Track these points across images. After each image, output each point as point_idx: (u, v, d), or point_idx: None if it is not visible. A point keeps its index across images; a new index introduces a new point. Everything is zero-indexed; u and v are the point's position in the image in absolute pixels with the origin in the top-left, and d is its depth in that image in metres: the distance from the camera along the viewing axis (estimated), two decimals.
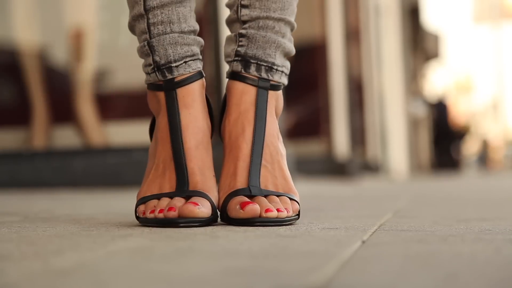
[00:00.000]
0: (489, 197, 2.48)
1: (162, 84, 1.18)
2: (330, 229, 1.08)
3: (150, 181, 1.16)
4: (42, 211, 1.62)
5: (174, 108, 1.17)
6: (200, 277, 0.65)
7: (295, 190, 1.19)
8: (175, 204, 1.10)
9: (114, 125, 3.60)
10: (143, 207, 1.14)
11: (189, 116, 1.17)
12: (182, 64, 1.17)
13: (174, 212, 1.09)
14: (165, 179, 1.15)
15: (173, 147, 1.15)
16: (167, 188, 1.15)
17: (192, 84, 1.18)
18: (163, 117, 1.17)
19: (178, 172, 1.14)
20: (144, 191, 1.17)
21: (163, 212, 1.10)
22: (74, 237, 0.99)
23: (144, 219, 1.13)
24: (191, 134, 1.16)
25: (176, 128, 1.16)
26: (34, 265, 0.72)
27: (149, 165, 1.19)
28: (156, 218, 1.10)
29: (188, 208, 1.09)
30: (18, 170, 3.21)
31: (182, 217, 1.08)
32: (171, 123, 1.16)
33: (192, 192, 1.13)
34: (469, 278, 0.66)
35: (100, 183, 3.13)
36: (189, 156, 1.15)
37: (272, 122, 1.20)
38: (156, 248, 0.86)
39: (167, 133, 1.16)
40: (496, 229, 1.11)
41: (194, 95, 1.18)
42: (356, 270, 0.71)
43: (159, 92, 1.18)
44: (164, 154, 1.16)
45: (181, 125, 1.16)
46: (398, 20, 10.28)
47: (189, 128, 1.16)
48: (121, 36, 3.79)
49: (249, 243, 0.90)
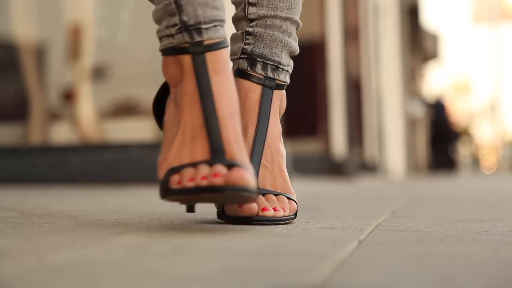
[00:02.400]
0: (486, 198, 2.48)
1: (189, 47, 1.06)
2: (327, 229, 1.08)
3: (177, 149, 1.03)
4: (39, 207, 1.62)
5: (204, 72, 1.05)
6: (197, 275, 0.65)
7: (293, 191, 1.19)
8: (219, 171, 0.98)
9: (111, 122, 3.60)
10: (178, 176, 1.00)
11: (221, 83, 1.05)
12: (211, 27, 1.06)
13: (220, 178, 0.96)
14: (196, 147, 1.02)
15: (205, 113, 1.03)
16: (198, 156, 1.01)
17: (222, 50, 1.07)
18: (189, 82, 1.06)
19: (212, 140, 1.02)
20: (171, 160, 1.03)
21: (207, 178, 0.97)
22: (70, 233, 0.99)
23: (180, 189, 0.99)
24: (224, 102, 1.04)
25: (207, 93, 1.04)
26: (30, 261, 0.72)
27: (169, 133, 1.07)
28: (197, 186, 0.97)
29: (236, 174, 0.96)
30: (15, 166, 3.21)
31: (229, 184, 0.96)
32: (202, 88, 1.04)
33: (233, 162, 1.00)
34: (465, 279, 0.65)
35: (97, 179, 3.13)
36: (223, 124, 1.03)
37: (275, 122, 1.20)
38: (153, 245, 0.86)
39: (196, 98, 1.04)
40: (492, 230, 1.11)
41: (225, 62, 1.07)
42: (353, 270, 0.71)
43: (184, 55, 1.07)
44: (193, 121, 1.04)
45: (212, 91, 1.04)
46: (397, 20, 10.29)
47: (222, 95, 1.04)
48: (119, 31, 3.79)
49: (246, 242, 0.90)
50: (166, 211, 1.47)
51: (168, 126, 1.08)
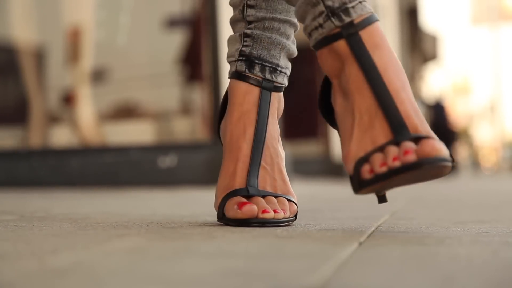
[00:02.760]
0: (486, 199, 2.48)
1: (341, 31, 1.03)
2: (327, 230, 1.08)
3: (358, 137, 1.00)
4: (39, 210, 1.62)
5: (362, 51, 1.02)
6: (197, 277, 0.65)
7: (293, 193, 1.19)
8: (409, 147, 0.95)
9: (111, 124, 3.60)
10: (368, 165, 0.98)
11: (384, 57, 1.02)
12: (357, 4, 1.04)
13: (412, 154, 0.94)
14: (376, 130, 0.99)
15: (376, 91, 1.00)
16: (381, 139, 0.98)
17: (375, 23, 1.04)
18: (351, 66, 1.03)
19: (391, 118, 0.99)
20: (355, 151, 1.00)
21: (399, 158, 0.95)
22: (70, 236, 0.99)
23: (374, 177, 0.98)
24: (393, 75, 1.01)
25: (373, 71, 1.01)
26: (30, 264, 0.71)
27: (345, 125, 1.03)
28: (391, 169, 0.95)
29: (428, 146, 0.94)
30: (15, 169, 3.21)
31: (423, 157, 0.94)
32: (366, 68, 1.01)
33: (419, 135, 0.97)
34: (466, 281, 0.65)
35: (96, 182, 3.13)
36: (397, 98, 0.99)
37: (273, 123, 1.20)
38: (153, 248, 0.86)
39: (363, 80, 1.01)
40: (493, 231, 1.11)
41: (381, 35, 1.04)
42: (353, 272, 0.70)
43: (337, 42, 1.04)
44: (366, 104, 1.01)
45: (377, 68, 1.01)
46: (396, 21, 10.29)
47: (388, 69, 1.01)
48: (118, 34, 3.79)
49: (246, 244, 0.90)
50: (166, 213, 1.47)
51: (341, 117, 1.05)
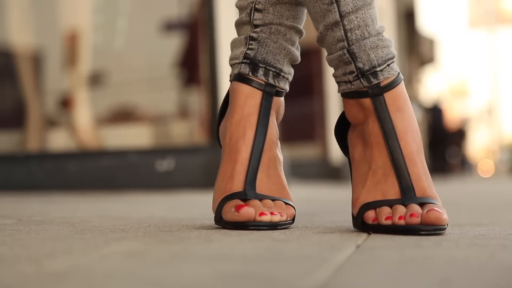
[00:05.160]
0: (483, 202, 2.48)
1: (368, 91, 1.12)
2: (325, 234, 1.08)
3: (370, 187, 1.11)
4: (36, 213, 1.62)
5: (384, 113, 1.12)
6: (194, 281, 0.65)
7: (291, 196, 1.19)
8: (416, 210, 1.06)
9: (109, 128, 3.59)
10: (373, 213, 1.09)
11: (403, 121, 1.12)
12: (385, 67, 1.12)
13: (417, 218, 1.05)
14: (388, 185, 1.10)
15: (392, 153, 1.11)
16: (391, 194, 1.10)
17: (399, 86, 1.13)
18: (374, 123, 1.13)
19: (401, 179, 1.10)
20: (364, 197, 1.11)
21: (405, 218, 1.05)
22: (67, 240, 0.99)
23: (375, 225, 1.08)
24: (409, 139, 1.12)
25: (391, 134, 1.11)
26: (28, 268, 0.71)
27: (360, 171, 1.14)
28: (395, 225, 1.06)
29: (434, 215, 1.04)
30: (12, 173, 3.21)
31: (425, 224, 1.04)
32: (385, 129, 1.12)
33: (425, 199, 1.08)
34: (463, 283, 0.65)
35: (94, 186, 3.13)
36: (411, 161, 1.11)
37: (272, 127, 1.20)
38: (150, 252, 0.86)
39: (382, 138, 1.12)
40: (490, 234, 1.11)
41: (404, 97, 1.13)
42: (350, 275, 0.70)
43: (364, 99, 1.13)
44: (382, 160, 1.11)
45: (396, 130, 1.11)
46: (393, 24, 10.29)
47: (406, 133, 1.12)
48: (116, 38, 3.79)
49: (243, 247, 0.90)
50: (164, 217, 1.47)
51: (358, 163, 1.15)
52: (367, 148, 1.14)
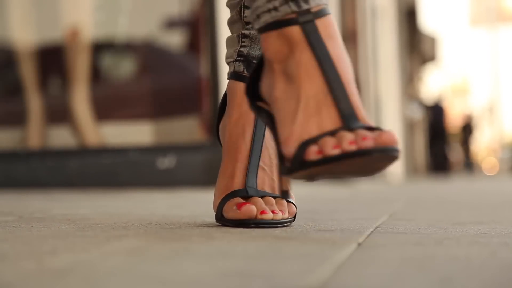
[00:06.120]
0: (484, 200, 2.49)
1: (296, 17, 1.01)
2: (326, 231, 1.08)
3: (302, 121, 0.98)
4: (37, 211, 1.62)
5: (318, 40, 1.01)
6: (195, 278, 0.65)
7: (292, 194, 1.19)
8: (367, 134, 0.94)
9: (110, 125, 3.59)
10: (316, 147, 0.95)
11: (337, 48, 1.02)
12: None
13: (370, 141, 0.93)
14: (323, 117, 0.98)
15: (329, 80, 0.99)
16: (328, 125, 0.97)
17: (330, 15, 1.04)
18: (303, 52, 1.01)
19: (342, 105, 0.98)
20: (299, 133, 0.98)
21: (356, 143, 0.93)
22: (69, 237, 0.99)
23: (322, 159, 0.95)
24: (345, 67, 1.01)
25: (327, 60, 1.00)
26: (29, 265, 0.71)
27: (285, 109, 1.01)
28: (346, 152, 0.93)
29: (387, 135, 0.94)
30: (13, 170, 3.21)
31: (380, 145, 0.93)
32: (320, 55, 1.00)
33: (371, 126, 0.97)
34: (464, 282, 0.65)
35: (95, 183, 3.13)
36: (349, 90, 0.99)
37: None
38: (151, 249, 0.86)
39: (315, 67, 1.00)
40: (491, 232, 1.11)
41: (335, 26, 1.04)
42: (352, 273, 0.71)
43: (291, 27, 1.02)
44: (315, 90, 0.99)
45: (332, 57, 1.00)
46: (394, 22, 10.29)
47: (341, 60, 1.01)
48: (117, 35, 3.79)
49: (245, 245, 0.90)
50: (165, 214, 1.47)
51: (282, 102, 1.02)
52: (292, 83, 1.01)
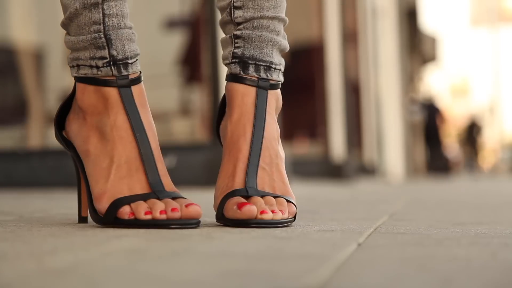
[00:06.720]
0: (485, 201, 2.48)
1: (115, 80, 1.12)
2: (326, 232, 1.08)
3: (115, 181, 1.09)
4: (37, 210, 1.62)
5: (133, 106, 1.12)
6: (196, 278, 0.65)
7: (292, 194, 1.19)
8: (176, 205, 1.06)
9: None
10: (128, 208, 1.07)
11: (147, 117, 1.13)
12: (135, 62, 1.14)
13: (178, 212, 1.05)
14: (133, 180, 1.09)
15: (141, 148, 1.10)
16: (137, 189, 1.09)
17: (142, 83, 1.14)
18: (118, 115, 1.11)
19: (150, 173, 1.09)
20: (112, 192, 1.09)
21: (166, 213, 1.05)
22: (69, 237, 0.99)
23: (136, 221, 1.06)
24: (153, 135, 1.13)
25: (140, 128, 1.11)
26: (29, 264, 0.71)
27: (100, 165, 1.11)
28: (156, 219, 1.05)
29: (194, 209, 1.05)
30: (14, 170, 3.21)
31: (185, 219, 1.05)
32: (134, 122, 1.11)
33: (175, 194, 1.09)
34: (464, 282, 0.65)
35: None
36: (157, 157, 1.11)
37: (272, 123, 1.20)
38: (152, 249, 0.86)
39: (128, 132, 1.11)
40: (492, 233, 1.11)
41: (145, 95, 1.14)
42: (352, 273, 0.70)
43: (108, 88, 1.12)
44: (127, 154, 1.10)
45: (143, 124, 1.12)
46: (395, 23, 10.29)
47: (150, 128, 1.12)
48: None
49: (245, 245, 0.90)
50: None
51: (95, 157, 1.12)
52: (106, 142, 1.11)
